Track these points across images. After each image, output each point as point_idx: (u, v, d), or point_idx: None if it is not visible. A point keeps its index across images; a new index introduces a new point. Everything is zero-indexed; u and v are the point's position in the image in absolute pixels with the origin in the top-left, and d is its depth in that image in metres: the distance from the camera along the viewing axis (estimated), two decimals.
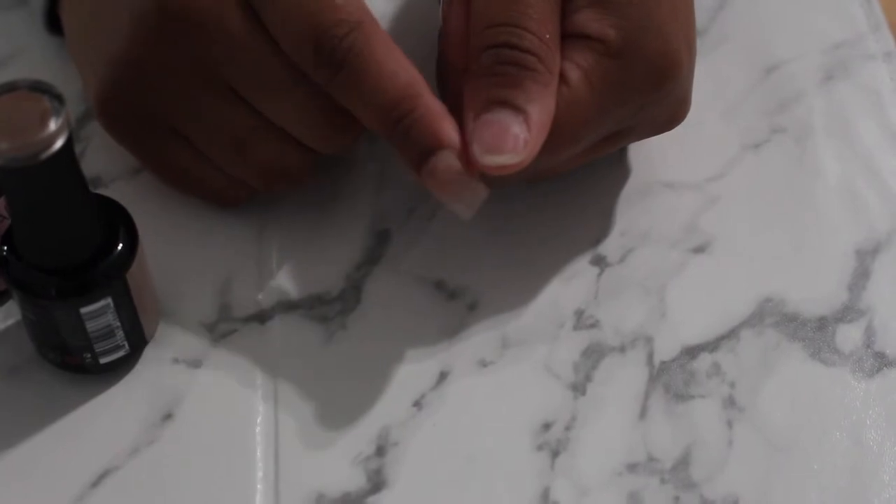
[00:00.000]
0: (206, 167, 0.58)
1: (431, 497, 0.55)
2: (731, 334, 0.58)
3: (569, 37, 0.55)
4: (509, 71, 0.53)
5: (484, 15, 0.54)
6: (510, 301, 0.59)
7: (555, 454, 0.56)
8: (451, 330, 0.58)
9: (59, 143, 0.49)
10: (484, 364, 0.58)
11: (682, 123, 0.60)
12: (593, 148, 0.58)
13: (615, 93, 0.55)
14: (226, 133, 0.57)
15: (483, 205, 0.53)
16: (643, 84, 0.55)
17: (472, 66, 0.54)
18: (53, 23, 0.63)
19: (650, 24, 0.55)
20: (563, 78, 0.55)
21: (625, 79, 0.55)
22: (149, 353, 0.57)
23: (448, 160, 0.53)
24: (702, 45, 0.60)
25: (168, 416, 0.56)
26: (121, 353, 0.56)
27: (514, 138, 0.53)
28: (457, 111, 0.54)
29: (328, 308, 0.59)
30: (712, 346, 0.58)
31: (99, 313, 0.54)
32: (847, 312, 0.59)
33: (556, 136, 0.54)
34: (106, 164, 0.62)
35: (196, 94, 0.56)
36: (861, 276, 0.60)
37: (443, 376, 0.57)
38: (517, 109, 0.53)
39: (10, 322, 0.58)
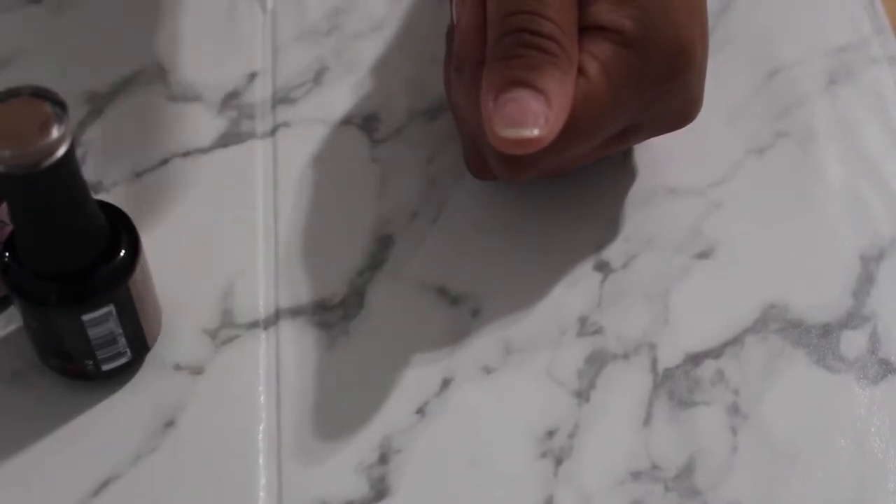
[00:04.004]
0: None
1: None
2: (735, 341, 0.58)
3: (585, 29, 0.55)
4: (530, 54, 0.53)
5: (503, 4, 0.54)
6: (513, 307, 0.59)
7: (558, 462, 0.55)
8: (454, 336, 0.58)
9: (61, 151, 0.49)
10: (487, 371, 0.58)
11: (686, 128, 0.59)
12: (604, 144, 0.58)
13: (631, 83, 0.55)
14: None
15: (488, 209, 0.52)
16: (658, 73, 0.55)
17: (491, 53, 0.54)
18: None
19: (665, 15, 0.55)
20: (581, 70, 0.55)
21: (641, 68, 0.55)
22: (151, 359, 0.57)
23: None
24: None
25: (170, 424, 0.56)
26: (123, 360, 0.56)
27: (534, 113, 0.52)
28: (472, 105, 0.54)
29: (331, 314, 0.59)
30: (716, 352, 0.58)
31: (101, 320, 0.54)
32: (851, 319, 0.59)
33: (574, 127, 0.54)
34: (107, 169, 0.62)
35: None
36: (865, 281, 0.60)
37: (446, 383, 0.57)
38: (537, 90, 0.53)
39: (11, 328, 0.58)
